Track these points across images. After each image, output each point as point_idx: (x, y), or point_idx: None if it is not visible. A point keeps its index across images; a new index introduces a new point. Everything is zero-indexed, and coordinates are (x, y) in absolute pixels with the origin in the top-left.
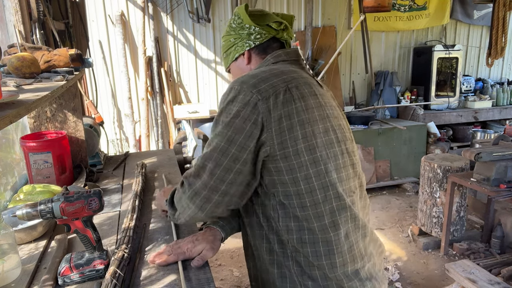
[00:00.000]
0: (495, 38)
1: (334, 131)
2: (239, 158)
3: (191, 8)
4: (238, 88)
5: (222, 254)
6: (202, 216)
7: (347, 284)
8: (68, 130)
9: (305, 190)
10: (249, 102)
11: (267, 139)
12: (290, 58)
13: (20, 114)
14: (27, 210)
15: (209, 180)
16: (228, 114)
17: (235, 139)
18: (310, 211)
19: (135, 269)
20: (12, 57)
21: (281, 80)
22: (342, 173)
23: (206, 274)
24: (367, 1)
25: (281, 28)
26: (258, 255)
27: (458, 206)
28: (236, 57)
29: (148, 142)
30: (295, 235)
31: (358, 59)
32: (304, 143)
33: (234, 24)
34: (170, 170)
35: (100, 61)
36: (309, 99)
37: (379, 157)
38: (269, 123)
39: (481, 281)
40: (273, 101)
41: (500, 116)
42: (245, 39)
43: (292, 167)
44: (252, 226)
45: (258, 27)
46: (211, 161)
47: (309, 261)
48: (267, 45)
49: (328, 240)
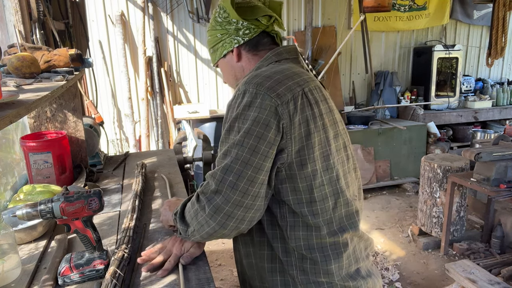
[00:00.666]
0: (495, 38)
1: (341, 136)
2: (262, 168)
3: (191, 8)
4: (254, 91)
5: (222, 254)
6: (224, 233)
7: (352, 283)
8: (68, 130)
9: (318, 198)
10: (269, 107)
11: (285, 146)
12: (292, 56)
13: (20, 114)
14: (27, 210)
15: (232, 195)
16: (245, 120)
17: (257, 148)
18: (320, 218)
19: (135, 269)
20: (12, 57)
21: (296, 84)
22: (348, 178)
23: (206, 274)
24: (367, 1)
25: (271, 22)
26: (253, 262)
27: (458, 206)
28: (225, 53)
29: (148, 142)
30: (303, 242)
31: (358, 59)
32: (319, 150)
33: (219, 18)
34: (170, 170)
35: (100, 61)
36: (322, 104)
37: (379, 157)
38: (289, 129)
39: (481, 281)
40: (293, 106)
41: (500, 116)
42: (233, 35)
43: (307, 174)
44: (250, 232)
45: (246, 21)
46: (233, 174)
47: (315, 268)
48: (257, 40)
49: (336, 243)
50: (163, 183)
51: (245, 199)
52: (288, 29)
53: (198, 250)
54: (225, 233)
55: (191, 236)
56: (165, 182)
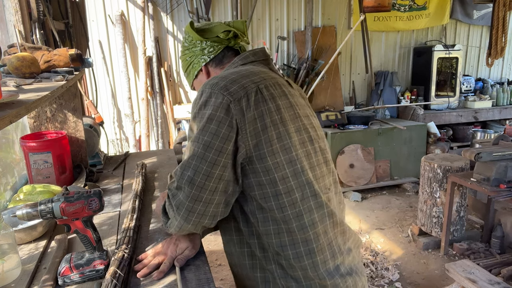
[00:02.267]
0: (495, 38)
1: (306, 130)
2: (217, 163)
3: (191, 8)
4: (209, 91)
5: (222, 254)
6: (189, 228)
7: (329, 281)
8: (68, 130)
9: (283, 191)
10: (221, 105)
11: (242, 141)
12: (259, 59)
13: (20, 114)
14: (27, 210)
15: (190, 190)
16: (201, 118)
17: (211, 143)
18: (289, 211)
19: (134, 269)
20: (12, 57)
21: (251, 81)
22: (317, 171)
23: (206, 274)
24: (367, 1)
25: (231, 36)
26: (237, 262)
27: (458, 206)
28: (196, 74)
29: (148, 142)
30: (274, 239)
31: (358, 59)
32: (279, 143)
33: (186, 43)
34: (170, 170)
35: (100, 61)
36: (280, 100)
37: (379, 157)
38: (243, 124)
39: (481, 281)
40: (245, 103)
41: (500, 116)
42: (199, 55)
43: (268, 168)
44: (229, 231)
45: (208, 40)
46: (190, 169)
47: (290, 263)
48: (222, 55)
49: (308, 239)
50: (163, 183)
51: (203, 194)
52: (288, 29)
53: (193, 251)
54: (190, 227)
55: (169, 227)
56: (165, 182)
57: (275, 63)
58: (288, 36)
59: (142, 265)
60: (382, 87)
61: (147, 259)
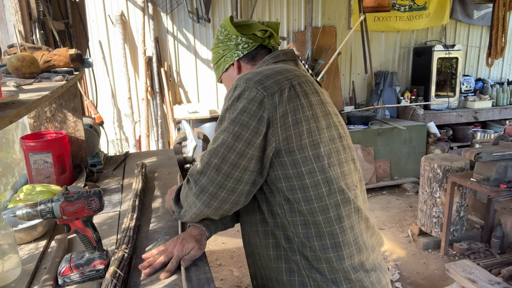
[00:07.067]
0: (495, 38)
1: (335, 127)
2: (245, 154)
3: (191, 8)
4: (244, 85)
5: (222, 254)
6: (208, 213)
7: (354, 275)
8: (68, 130)
9: (310, 184)
10: (255, 98)
11: (273, 135)
12: (289, 58)
13: (20, 114)
14: (27, 210)
15: (216, 176)
16: (234, 110)
17: (241, 134)
18: (315, 204)
19: (135, 269)
20: (12, 57)
21: (284, 78)
22: (345, 167)
23: (206, 274)
24: (367, 1)
25: (266, 36)
26: (261, 252)
27: (458, 206)
28: (227, 67)
29: (148, 142)
30: (301, 230)
31: (358, 59)
32: (308, 138)
33: (221, 36)
34: (170, 170)
35: (100, 61)
36: (312, 96)
37: (379, 157)
38: (275, 119)
39: (481, 281)
40: (278, 98)
41: (500, 116)
42: (233, 49)
43: (296, 161)
44: (255, 223)
45: (244, 37)
46: (217, 157)
47: (316, 255)
48: (256, 53)
49: (334, 233)
50: (163, 183)
51: (228, 182)
52: (288, 29)
53: (199, 252)
54: (209, 213)
55: (183, 216)
56: (165, 182)
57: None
58: (288, 36)
59: (148, 263)
60: (382, 87)
61: (153, 258)
